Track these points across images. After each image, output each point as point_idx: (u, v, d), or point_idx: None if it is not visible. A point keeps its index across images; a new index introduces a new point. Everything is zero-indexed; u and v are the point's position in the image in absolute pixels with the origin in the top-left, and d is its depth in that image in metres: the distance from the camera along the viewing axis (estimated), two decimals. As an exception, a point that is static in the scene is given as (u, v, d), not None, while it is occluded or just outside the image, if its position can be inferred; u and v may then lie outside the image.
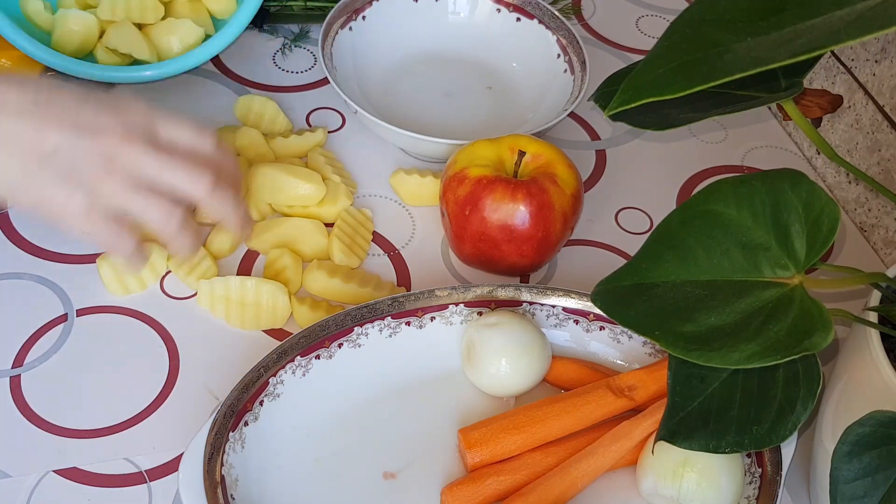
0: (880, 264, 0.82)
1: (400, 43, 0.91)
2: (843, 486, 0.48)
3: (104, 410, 0.66)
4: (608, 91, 0.66)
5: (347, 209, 0.78)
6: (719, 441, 0.53)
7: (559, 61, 0.88)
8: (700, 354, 0.50)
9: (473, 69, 0.92)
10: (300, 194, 0.76)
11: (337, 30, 0.87)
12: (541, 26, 0.90)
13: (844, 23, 0.44)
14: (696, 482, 0.59)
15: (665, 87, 0.48)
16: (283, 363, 0.65)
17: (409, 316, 0.69)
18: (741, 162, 0.89)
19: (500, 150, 0.73)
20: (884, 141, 0.79)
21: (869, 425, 0.49)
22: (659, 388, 0.64)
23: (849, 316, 0.56)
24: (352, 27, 0.89)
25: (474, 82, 0.91)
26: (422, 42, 0.92)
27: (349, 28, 0.88)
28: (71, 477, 0.63)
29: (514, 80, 0.91)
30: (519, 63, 0.91)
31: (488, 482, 0.62)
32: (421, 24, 0.92)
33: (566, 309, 0.70)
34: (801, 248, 0.53)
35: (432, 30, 0.93)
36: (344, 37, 0.88)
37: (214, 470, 0.59)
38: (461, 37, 0.93)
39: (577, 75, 0.86)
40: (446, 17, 0.93)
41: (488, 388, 0.67)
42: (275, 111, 0.84)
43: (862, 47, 0.81)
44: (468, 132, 0.83)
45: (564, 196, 0.71)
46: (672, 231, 0.55)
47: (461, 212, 0.72)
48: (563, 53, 0.88)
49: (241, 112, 0.84)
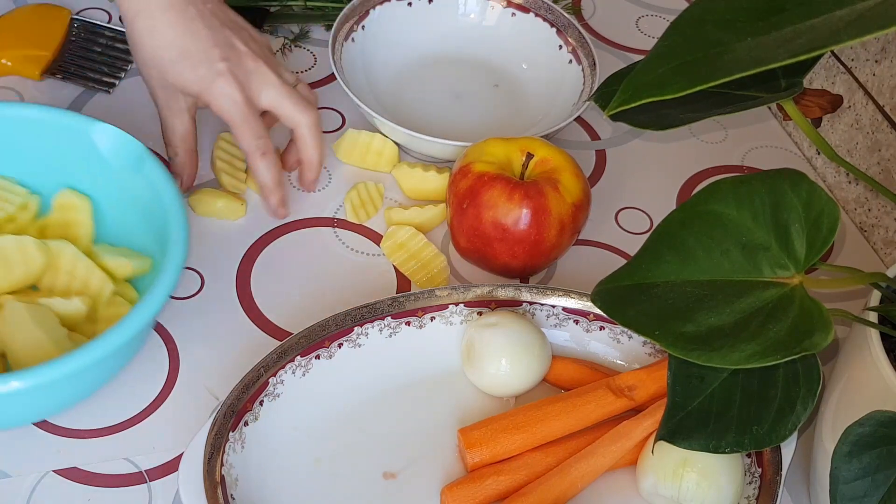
0: (880, 264, 0.82)
1: (410, 45, 0.91)
2: (843, 486, 0.48)
3: (104, 410, 0.66)
4: (608, 91, 0.66)
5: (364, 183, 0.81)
6: (719, 441, 0.53)
7: (570, 65, 0.88)
8: (700, 354, 0.50)
9: (483, 71, 0.92)
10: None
11: (347, 31, 0.87)
12: (553, 29, 0.90)
13: (844, 23, 0.44)
14: (696, 482, 0.59)
15: (665, 87, 0.48)
16: (283, 363, 0.65)
17: (409, 316, 0.69)
18: (741, 162, 0.89)
19: (510, 151, 0.73)
20: (884, 141, 0.79)
21: (869, 425, 0.49)
22: (659, 388, 0.64)
23: (849, 316, 0.56)
24: (364, 26, 0.89)
25: (484, 85, 0.91)
26: (432, 44, 0.92)
27: (362, 27, 0.89)
28: (71, 477, 0.63)
29: (523, 82, 0.91)
30: (529, 65, 0.91)
31: (488, 482, 0.62)
32: (431, 26, 0.92)
33: (566, 309, 0.70)
34: (801, 248, 0.53)
35: (443, 32, 0.92)
36: (354, 37, 0.88)
37: (214, 470, 0.59)
38: (472, 39, 0.93)
39: (588, 78, 0.86)
40: (457, 19, 0.93)
41: (488, 388, 0.67)
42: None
43: (862, 47, 0.81)
44: (477, 135, 0.83)
45: (564, 204, 0.71)
46: (672, 231, 0.55)
47: (460, 205, 0.72)
48: (573, 57, 0.88)
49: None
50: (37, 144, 0.70)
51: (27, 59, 0.85)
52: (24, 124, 0.69)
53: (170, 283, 0.60)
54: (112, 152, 0.68)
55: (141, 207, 0.67)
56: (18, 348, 0.61)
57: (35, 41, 0.86)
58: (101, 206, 0.70)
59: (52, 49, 0.86)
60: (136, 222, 0.69)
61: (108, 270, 0.67)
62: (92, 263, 0.66)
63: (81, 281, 0.66)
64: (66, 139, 0.69)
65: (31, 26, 0.87)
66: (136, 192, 0.67)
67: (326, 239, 0.78)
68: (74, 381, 0.59)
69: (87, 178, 0.70)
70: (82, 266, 0.66)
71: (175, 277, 0.61)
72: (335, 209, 0.80)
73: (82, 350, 0.56)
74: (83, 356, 0.56)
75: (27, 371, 0.55)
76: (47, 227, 0.69)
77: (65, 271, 0.66)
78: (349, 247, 0.78)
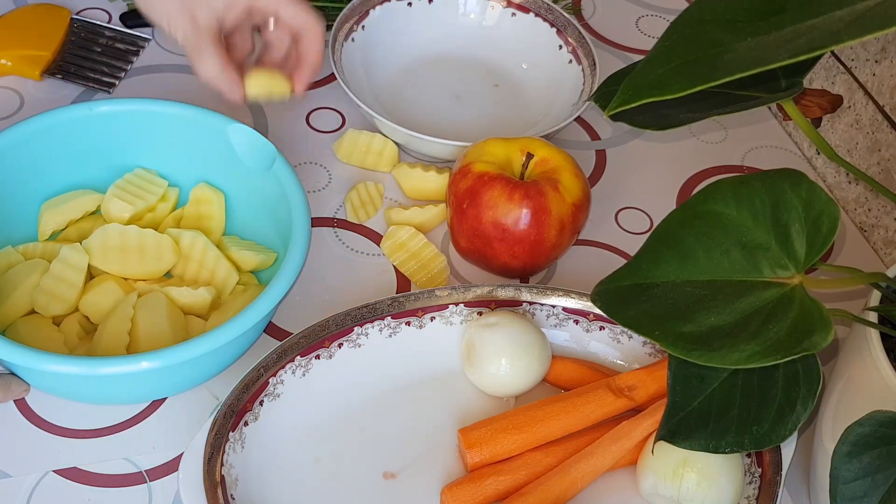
0: (880, 264, 0.82)
1: (410, 45, 0.92)
2: (843, 486, 0.48)
3: (104, 410, 0.66)
4: (608, 91, 0.66)
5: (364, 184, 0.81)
6: (719, 441, 0.53)
7: (570, 65, 0.88)
8: (700, 354, 0.50)
9: (483, 71, 0.92)
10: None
11: (347, 31, 0.87)
12: (553, 29, 0.90)
13: (844, 23, 0.44)
14: (696, 482, 0.59)
15: (665, 87, 0.48)
16: (283, 363, 0.65)
17: (409, 316, 0.69)
18: (741, 162, 0.89)
19: (510, 151, 0.73)
20: (884, 141, 0.79)
21: (869, 425, 0.49)
22: (659, 388, 0.64)
23: (849, 316, 0.56)
24: (364, 26, 0.89)
25: (484, 85, 0.91)
26: (432, 44, 0.92)
27: (362, 27, 0.89)
28: (71, 477, 0.63)
29: (523, 82, 0.91)
30: (529, 65, 0.91)
31: (488, 482, 0.62)
32: (431, 26, 0.92)
33: (566, 309, 0.70)
34: (801, 248, 0.53)
35: (443, 32, 0.93)
36: (354, 37, 0.88)
37: (214, 470, 0.59)
38: (472, 39, 0.93)
39: (588, 78, 0.86)
40: (457, 19, 0.93)
41: (488, 388, 0.67)
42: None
43: (862, 47, 0.81)
44: (477, 135, 0.83)
45: (564, 204, 0.71)
46: (672, 231, 0.55)
47: (460, 205, 0.72)
48: (573, 57, 0.88)
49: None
50: (179, 140, 0.74)
51: (27, 59, 0.85)
52: (168, 120, 0.73)
53: (290, 276, 0.64)
54: (246, 151, 0.72)
55: (268, 204, 0.71)
56: (141, 333, 0.65)
57: (35, 41, 0.87)
58: (232, 200, 0.75)
59: (52, 49, 0.86)
60: (263, 218, 0.73)
61: (235, 262, 0.72)
62: (220, 255, 0.71)
63: (210, 270, 0.71)
64: (205, 136, 0.73)
65: (31, 26, 0.87)
66: (265, 190, 0.71)
67: (326, 239, 0.78)
68: (194, 364, 0.62)
69: (222, 174, 0.75)
70: (211, 257, 0.71)
71: (296, 272, 0.64)
72: (335, 209, 0.80)
73: (206, 337, 0.60)
74: (205, 343, 0.60)
75: (156, 353, 0.59)
76: (183, 218, 0.74)
77: (195, 260, 0.71)
78: (349, 247, 0.78)
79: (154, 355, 0.58)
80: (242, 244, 0.73)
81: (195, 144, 0.74)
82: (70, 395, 0.65)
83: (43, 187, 0.72)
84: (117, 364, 0.58)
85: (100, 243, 0.69)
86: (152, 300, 0.67)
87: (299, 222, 0.67)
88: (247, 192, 0.74)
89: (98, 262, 0.69)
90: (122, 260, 0.69)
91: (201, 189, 0.74)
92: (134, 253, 0.69)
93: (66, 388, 0.63)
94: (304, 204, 0.68)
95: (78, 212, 0.72)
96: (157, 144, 0.74)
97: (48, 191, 0.73)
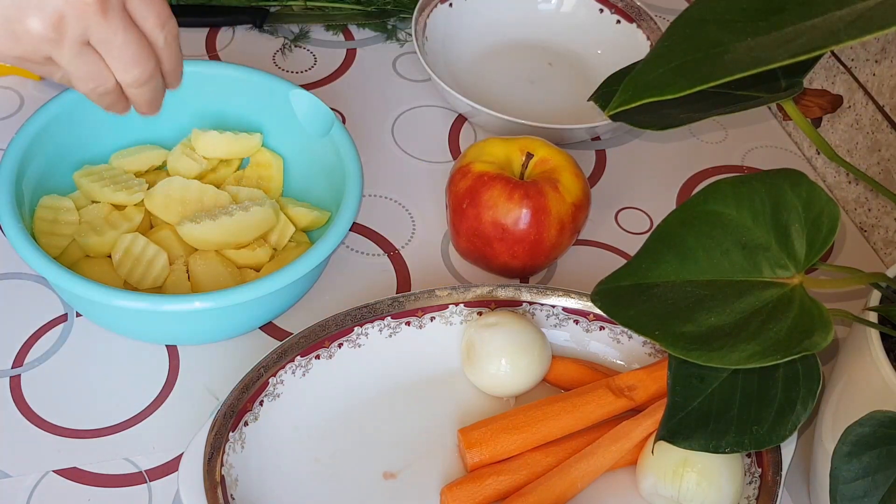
0: (880, 264, 0.82)
1: (490, 28, 0.95)
2: (843, 486, 0.48)
3: (104, 410, 0.66)
4: (608, 91, 0.66)
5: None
6: (719, 441, 0.53)
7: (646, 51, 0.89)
8: (700, 354, 0.50)
9: (559, 59, 0.95)
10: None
11: (436, 3, 0.91)
12: (627, 21, 0.93)
13: (844, 23, 0.44)
14: (696, 482, 0.59)
15: (665, 87, 0.48)
16: (283, 363, 0.65)
17: (409, 316, 0.69)
18: (741, 162, 0.89)
19: (510, 151, 0.73)
20: (884, 141, 0.79)
21: (869, 425, 0.49)
22: (659, 388, 0.64)
23: (849, 316, 0.56)
24: (451, 3, 0.93)
25: (559, 68, 0.94)
26: (511, 29, 0.96)
27: (449, 4, 0.92)
28: (71, 477, 0.63)
29: (596, 67, 0.93)
30: (604, 51, 0.94)
31: (488, 482, 0.62)
32: (511, 11, 0.96)
33: (566, 309, 0.70)
34: (801, 248, 0.53)
35: (522, 17, 0.96)
36: (441, 12, 0.92)
37: (214, 470, 0.59)
38: (550, 26, 0.96)
39: None
40: (536, 6, 0.97)
41: (488, 388, 0.67)
42: None
43: (862, 47, 0.81)
44: (547, 119, 0.85)
45: (564, 203, 0.71)
46: (672, 231, 0.55)
47: (459, 205, 0.72)
48: (650, 45, 0.90)
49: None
50: (242, 102, 0.78)
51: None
52: (232, 83, 0.77)
53: (343, 229, 0.68)
54: (306, 116, 0.75)
55: (325, 168, 0.75)
56: (205, 285, 0.70)
57: (35, 41, 0.87)
58: (290, 163, 0.79)
59: (52, 49, 0.86)
60: (319, 181, 0.76)
61: (291, 218, 0.75)
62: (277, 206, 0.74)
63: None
64: (267, 100, 0.77)
65: (31, 26, 0.87)
66: (322, 154, 0.75)
67: (326, 239, 0.78)
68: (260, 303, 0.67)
69: (282, 137, 0.78)
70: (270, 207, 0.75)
71: (348, 225, 0.68)
72: (335, 209, 0.80)
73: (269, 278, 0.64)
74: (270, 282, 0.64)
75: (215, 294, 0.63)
76: (243, 179, 0.78)
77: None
78: (349, 247, 0.78)
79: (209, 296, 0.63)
80: (299, 204, 0.76)
81: (257, 108, 0.78)
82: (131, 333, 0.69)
83: (113, 141, 0.77)
84: (177, 302, 0.63)
85: (162, 195, 0.73)
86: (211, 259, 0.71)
87: (352, 184, 0.70)
88: (306, 156, 0.77)
89: (159, 211, 0.73)
90: (181, 213, 0.72)
91: (262, 153, 0.78)
92: (193, 205, 0.73)
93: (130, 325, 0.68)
94: (357, 168, 0.71)
95: (144, 164, 0.76)
96: (221, 108, 0.78)
97: (118, 144, 0.77)
